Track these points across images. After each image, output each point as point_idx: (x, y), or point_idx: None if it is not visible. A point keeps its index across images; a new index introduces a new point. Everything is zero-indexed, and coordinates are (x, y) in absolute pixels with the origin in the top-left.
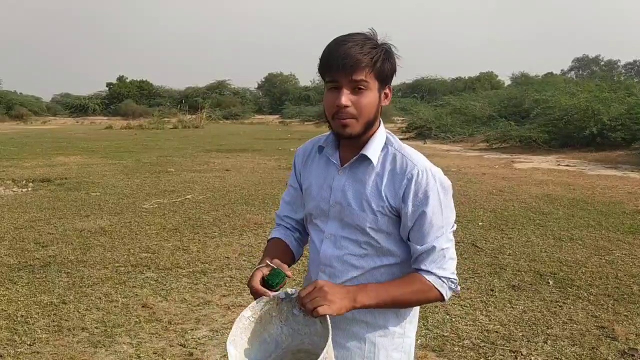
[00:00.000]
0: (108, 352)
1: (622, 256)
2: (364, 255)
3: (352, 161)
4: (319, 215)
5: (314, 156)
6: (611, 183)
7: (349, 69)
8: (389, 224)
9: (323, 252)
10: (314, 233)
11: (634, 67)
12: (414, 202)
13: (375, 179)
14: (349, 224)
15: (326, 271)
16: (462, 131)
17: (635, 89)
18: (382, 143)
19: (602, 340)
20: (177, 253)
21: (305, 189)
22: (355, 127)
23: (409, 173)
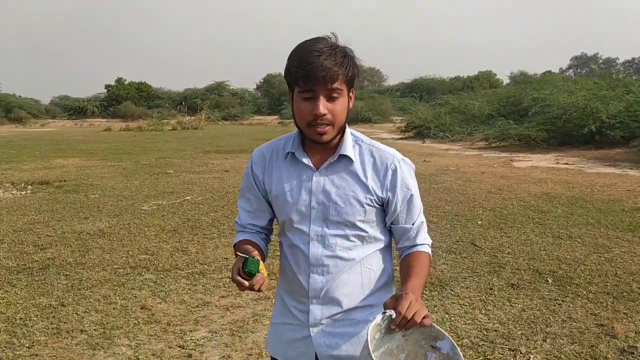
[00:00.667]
0: (107, 354)
1: (621, 254)
2: (352, 247)
3: (331, 162)
4: (299, 220)
5: (278, 162)
6: (610, 181)
7: (328, 80)
8: (374, 213)
9: (313, 254)
10: (296, 237)
11: (633, 64)
12: (401, 189)
13: (358, 175)
14: (336, 222)
15: (319, 271)
16: (460, 130)
17: (633, 87)
18: (352, 141)
19: (601, 338)
20: (176, 254)
21: (274, 196)
22: (331, 133)
23: (391, 164)
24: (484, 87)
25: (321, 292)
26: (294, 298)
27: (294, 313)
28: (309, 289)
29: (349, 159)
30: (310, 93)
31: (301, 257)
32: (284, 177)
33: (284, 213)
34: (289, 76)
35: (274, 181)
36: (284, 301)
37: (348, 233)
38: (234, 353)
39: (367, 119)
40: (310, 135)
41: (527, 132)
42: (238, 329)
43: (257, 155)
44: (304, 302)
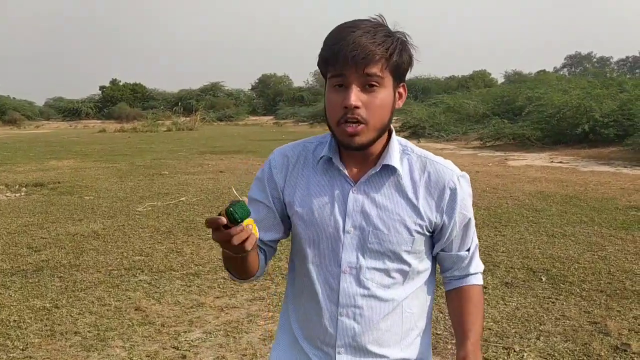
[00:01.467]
0: (101, 355)
1: (615, 252)
2: (392, 284)
3: (372, 174)
4: (328, 246)
5: (306, 168)
6: (604, 179)
7: (360, 62)
8: (422, 242)
9: (344, 291)
10: (321, 268)
11: (627, 63)
12: (460, 212)
13: (406, 194)
14: (377, 251)
15: (350, 314)
16: (455, 130)
17: (627, 85)
18: (399, 150)
19: (594, 335)
20: (171, 255)
21: (297, 212)
22: (366, 135)
23: (450, 182)
24: (478, 86)
25: (352, 341)
26: (313, 344)
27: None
28: (336, 335)
29: (395, 172)
30: (340, 79)
31: (327, 295)
32: (313, 188)
33: (308, 235)
34: (319, 61)
35: (299, 193)
36: (298, 346)
37: (389, 267)
38: (229, 354)
39: None
40: (339, 137)
41: (522, 131)
42: (232, 329)
43: (279, 156)
44: (328, 352)
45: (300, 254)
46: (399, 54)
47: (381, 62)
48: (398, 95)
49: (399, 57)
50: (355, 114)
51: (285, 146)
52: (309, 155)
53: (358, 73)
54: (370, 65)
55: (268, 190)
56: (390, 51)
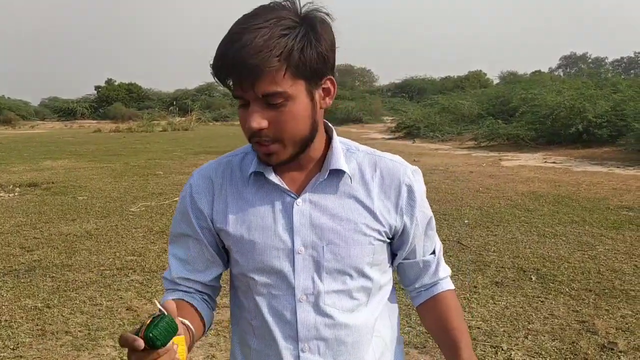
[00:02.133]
0: (91, 355)
1: (605, 251)
2: (356, 307)
3: (319, 182)
4: (275, 272)
5: (234, 186)
6: (596, 179)
7: (246, 83)
8: (383, 251)
9: (303, 323)
10: (272, 299)
11: (621, 64)
12: (420, 209)
13: (359, 197)
14: (335, 270)
15: (315, 348)
16: (450, 130)
17: (621, 86)
18: (343, 151)
19: (582, 334)
20: (164, 255)
21: (232, 238)
22: (283, 153)
23: (405, 178)
24: (474, 87)
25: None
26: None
27: None
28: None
29: (343, 176)
30: (241, 98)
31: (282, 331)
32: (247, 208)
33: (250, 264)
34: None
35: (231, 215)
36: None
37: (351, 286)
38: (219, 353)
39: (359, 119)
40: (259, 154)
41: (516, 132)
42: (223, 329)
43: (200, 179)
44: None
45: (242, 288)
46: (300, 51)
47: (275, 74)
48: (321, 95)
49: (302, 55)
50: (262, 136)
51: (205, 166)
52: (235, 171)
53: (251, 94)
54: (260, 84)
55: (194, 221)
56: (285, 54)
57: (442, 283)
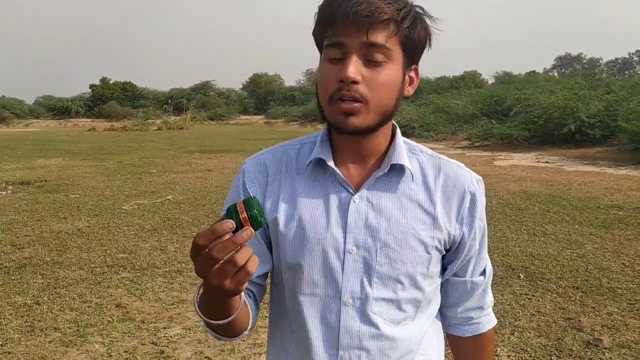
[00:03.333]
0: (79, 351)
1: (594, 250)
2: (402, 320)
3: (378, 177)
4: (323, 271)
5: (289, 176)
6: (588, 179)
7: (363, 20)
8: (438, 262)
9: (346, 329)
10: (315, 300)
11: (616, 64)
12: (479, 221)
13: (421, 200)
14: (387, 276)
15: (355, 358)
16: (445, 130)
17: (614, 86)
18: (406, 149)
19: (567, 331)
20: (154, 253)
21: (281, 229)
22: (364, 117)
23: (471, 186)
24: (469, 87)
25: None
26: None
27: None
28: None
29: (404, 174)
30: (338, 51)
31: (323, 335)
32: (301, 199)
33: (296, 259)
34: (314, 28)
35: (283, 205)
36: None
37: (401, 297)
38: (207, 349)
39: None
40: (331, 118)
41: (510, 132)
42: None
43: (253, 165)
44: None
45: (284, 286)
46: (412, 21)
47: (389, 28)
48: (409, 80)
49: (413, 27)
50: (352, 90)
51: (259, 153)
52: (291, 161)
53: (360, 39)
54: (375, 27)
55: None
56: (402, 14)
57: (487, 318)
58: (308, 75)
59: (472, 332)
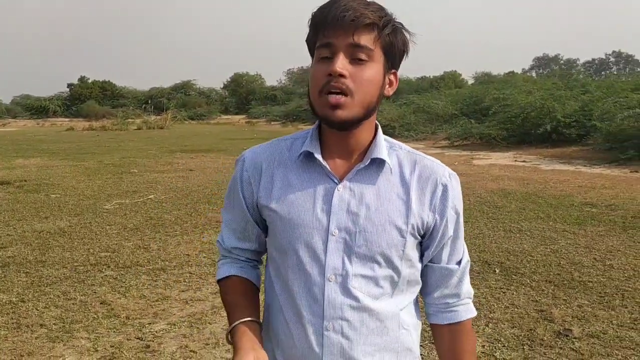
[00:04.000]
0: (66, 346)
1: (566, 245)
2: (380, 295)
3: (359, 169)
4: (309, 250)
5: (282, 166)
6: (563, 177)
7: (350, 24)
8: (414, 247)
9: (330, 301)
10: (302, 276)
11: (593, 65)
12: (451, 210)
13: (397, 190)
14: (364, 256)
15: (338, 328)
16: (425, 129)
17: (590, 87)
18: (386, 145)
19: (539, 322)
20: (138, 252)
21: (274, 214)
22: (350, 109)
23: (442, 178)
24: (449, 87)
25: (340, 359)
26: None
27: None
28: (322, 353)
29: (384, 166)
30: (328, 50)
31: (310, 307)
32: (292, 187)
33: (286, 239)
34: (308, 33)
35: (275, 192)
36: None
37: (378, 274)
38: (192, 343)
39: None
40: (320, 111)
41: (488, 131)
42: (196, 321)
43: (251, 157)
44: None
45: (276, 263)
46: (392, 30)
47: (373, 33)
48: (389, 81)
49: (393, 35)
50: (340, 83)
51: (255, 147)
52: (283, 153)
53: (347, 40)
54: (360, 30)
55: (244, 200)
56: (384, 22)
57: (465, 307)
58: (289, 75)
59: (448, 320)
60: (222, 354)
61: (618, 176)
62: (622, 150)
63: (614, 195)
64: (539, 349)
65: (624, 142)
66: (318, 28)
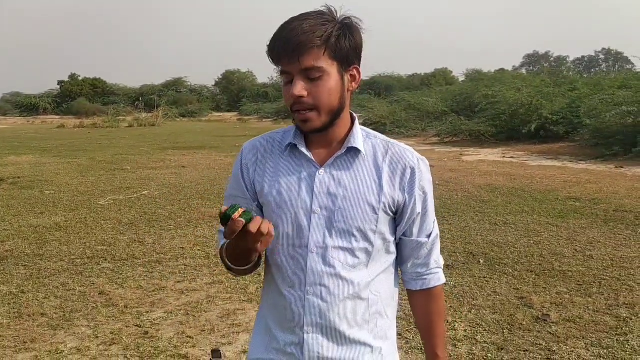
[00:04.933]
0: (67, 333)
1: (549, 237)
2: (357, 265)
3: (337, 156)
4: (295, 227)
5: (273, 156)
6: (549, 173)
7: (292, 55)
8: (387, 223)
9: (311, 269)
10: (290, 249)
11: (582, 62)
12: (419, 192)
13: (370, 173)
14: (342, 230)
15: (318, 292)
16: (415, 126)
17: (578, 84)
18: (362, 135)
19: (520, 308)
20: (133, 245)
21: (266, 196)
22: (317, 120)
23: (411, 162)
24: (440, 84)
25: (319, 319)
26: (283, 327)
27: (284, 348)
28: (304, 314)
29: (359, 154)
30: (286, 76)
31: (295, 274)
32: (280, 173)
33: (277, 218)
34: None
35: (267, 178)
36: (270, 331)
37: (354, 246)
38: (188, 329)
39: None
40: (296, 123)
41: (477, 128)
42: (192, 309)
43: (249, 147)
44: (297, 333)
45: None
46: (336, 39)
47: (316, 52)
48: (350, 78)
49: (339, 41)
50: (302, 103)
51: (253, 139)
52: (275, 144)
53: (296, 67)
54: (304, 56)
55: (244, 184)
56: (325, 37)
57: (434, 276)
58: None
59: (421, 287)
60: (218, 339)
61: (603, 171)
62: (608, 146)
63: (597, 190)
64: (518, 332)
65: (609, 139)
66: (271, 57)
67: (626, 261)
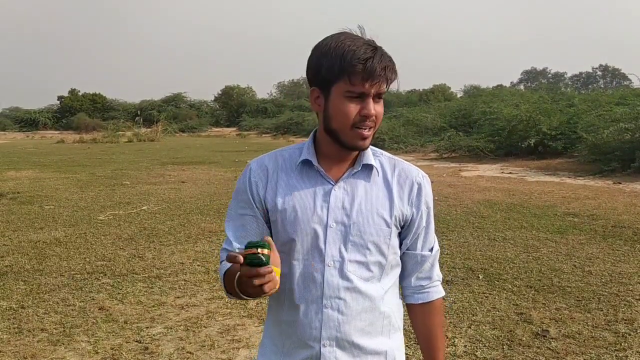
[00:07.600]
0: (67, 349)
1: (548, 253)
2: (370, 278)
3: (352, 173)
4: (311, 241)
5: (285, 172)
6: (548, 188)
7: (383, 80)
8: (395, 236)
9: (329, 283)
10: (306, 263)
11: (580, 78)
12: (424, 204)
13: (382, 189)
14: (357, 244)
15: (335, 305)
16: (414, 142)
17: (575, 100)
18: (371, 153)
19: (519, 324)
20: (133, 260)
21: (280, 212)
22: (370, 139)
23: (417, 178)
24: (438, 100)
25: (336, 332)
26: (298, 343)
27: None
28: (321, 327)
29: (371, 171)
30: (361, 90)
31: (311, 288)
32: (295, 189)
33: (291, 233)
34: (330, 72)
35: (280, 194)
36: (282, 349)
37: (369, 259)
38: (188, 345)
39: None
40: (349, 140)
41: (476, 144)
42: (192, 324)
43: (257, 165)
44: (313, 347)
45: (282, 254)
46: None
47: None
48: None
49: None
50: (371, 121)
51: (260, 157)
52: (285, 162)
53: (377, 89)
54: (390, 82)
55: (253, 202)
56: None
57: (435, 289)
58: (280, 88)
59: (422, 300)
60: (218, 355)
61: (601, 187)
62: (606, 162)
63: (596, 206)
64: (518, 348)
65: (607, 155)
66: (349, 75)
67: (625, 277)
